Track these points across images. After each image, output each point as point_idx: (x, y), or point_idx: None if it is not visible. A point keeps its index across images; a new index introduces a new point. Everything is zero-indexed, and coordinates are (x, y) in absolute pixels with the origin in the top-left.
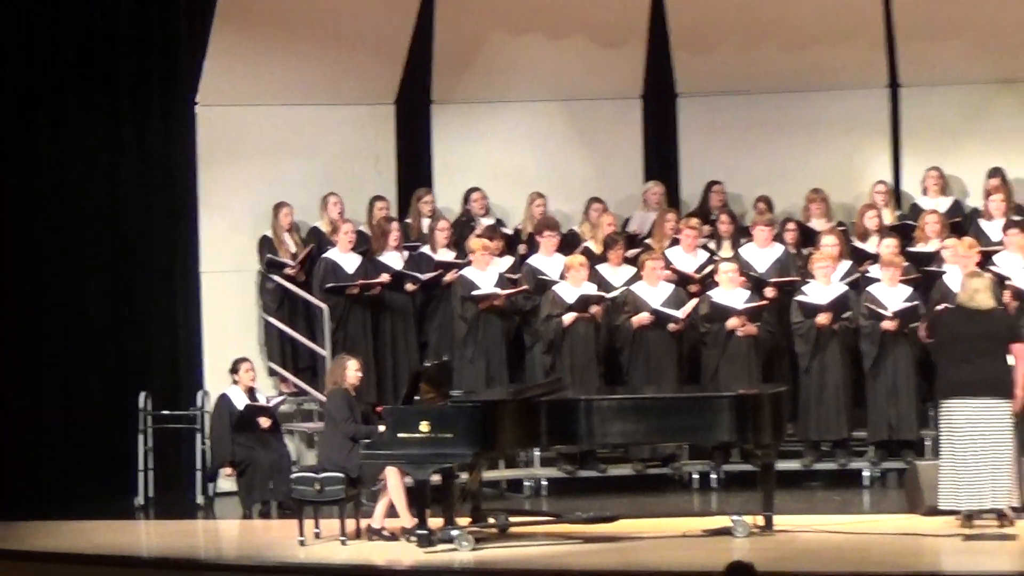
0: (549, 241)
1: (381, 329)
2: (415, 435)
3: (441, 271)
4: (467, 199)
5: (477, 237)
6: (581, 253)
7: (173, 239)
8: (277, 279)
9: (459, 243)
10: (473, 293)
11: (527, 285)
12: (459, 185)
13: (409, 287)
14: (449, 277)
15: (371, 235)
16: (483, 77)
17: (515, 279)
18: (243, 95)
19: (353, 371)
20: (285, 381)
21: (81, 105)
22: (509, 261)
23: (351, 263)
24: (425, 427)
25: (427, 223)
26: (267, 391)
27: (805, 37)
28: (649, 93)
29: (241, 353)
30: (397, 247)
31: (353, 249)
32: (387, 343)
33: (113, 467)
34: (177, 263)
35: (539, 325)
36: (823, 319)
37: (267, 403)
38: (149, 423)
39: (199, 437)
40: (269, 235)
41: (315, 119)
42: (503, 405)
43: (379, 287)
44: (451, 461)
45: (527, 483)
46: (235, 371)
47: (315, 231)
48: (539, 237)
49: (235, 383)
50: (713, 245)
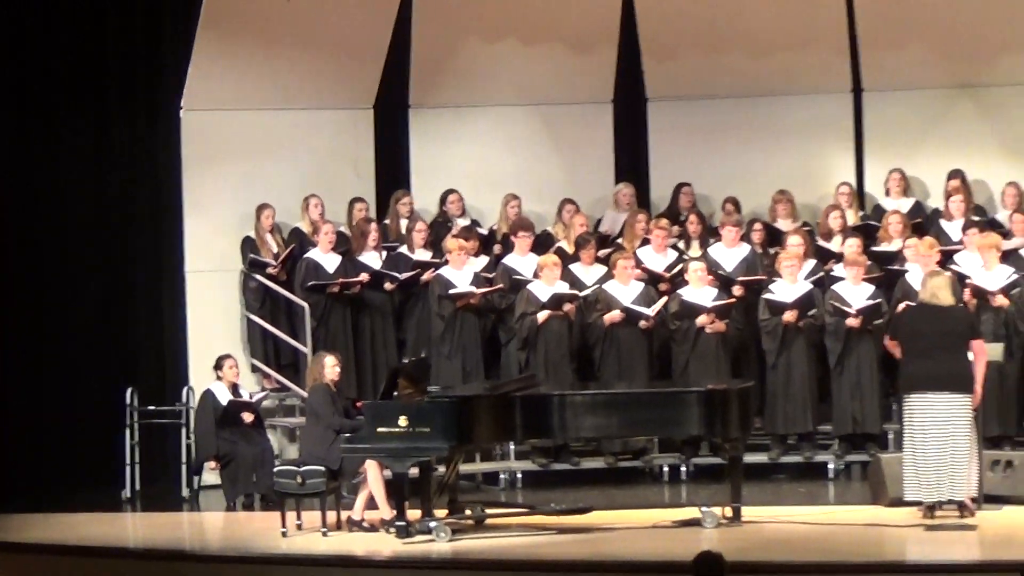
0: (523, 241)
1: (361, 327)
2: (394, 429)
3: (419, 270)
4: (444, 201)
5: (453, 237)
6: (554, 253)
7: (158, 240)
8: (259, 278)
9: (436, 243)
10: (450, 292)
11: (502, 284)
12: (436, 187)
13: (388, 286)
14: (426, 276)
15: (351, 235)
16: (459, 82)
17: (490, 278)
18: (226, 100)
19: (331, 367)
20: (268, 377)
21: (69, 109)
22: (484, 261)
23: (331, 263)
24: (403, 422)
25: (405, 224)
26: (250, 387)
27: (771, 43)
28: (619, 98)
29: (225, 350)
30: (376, 247)
31: (333, 249)
32: (367, 340)
33: (101, 461)
34: (163, 263)
35: (514, 323)
36: (789, 316)
37: (250, 399)
38: (136, 418)
39: (184, 432)
40: (252, 236)
41: (296, 123)
42: (479, 400)
43: (359, 286)
44: (429, 455)
45: (502, 476)
46: (219, 368)
47: (296, 232)
48: (514, 237)
49: (219, 379)
50: (682, 245)
